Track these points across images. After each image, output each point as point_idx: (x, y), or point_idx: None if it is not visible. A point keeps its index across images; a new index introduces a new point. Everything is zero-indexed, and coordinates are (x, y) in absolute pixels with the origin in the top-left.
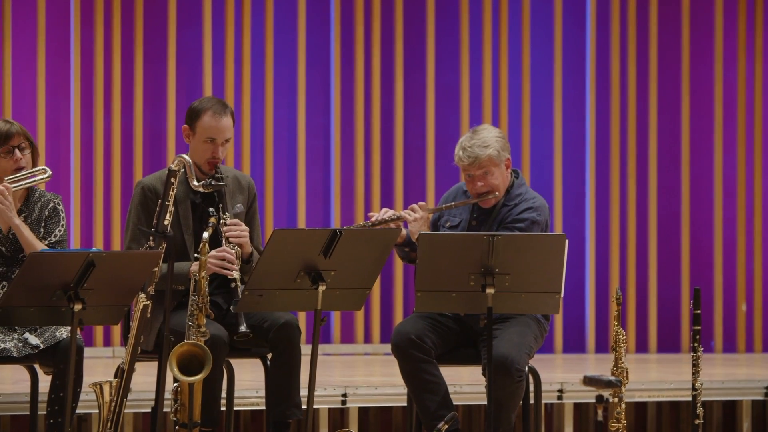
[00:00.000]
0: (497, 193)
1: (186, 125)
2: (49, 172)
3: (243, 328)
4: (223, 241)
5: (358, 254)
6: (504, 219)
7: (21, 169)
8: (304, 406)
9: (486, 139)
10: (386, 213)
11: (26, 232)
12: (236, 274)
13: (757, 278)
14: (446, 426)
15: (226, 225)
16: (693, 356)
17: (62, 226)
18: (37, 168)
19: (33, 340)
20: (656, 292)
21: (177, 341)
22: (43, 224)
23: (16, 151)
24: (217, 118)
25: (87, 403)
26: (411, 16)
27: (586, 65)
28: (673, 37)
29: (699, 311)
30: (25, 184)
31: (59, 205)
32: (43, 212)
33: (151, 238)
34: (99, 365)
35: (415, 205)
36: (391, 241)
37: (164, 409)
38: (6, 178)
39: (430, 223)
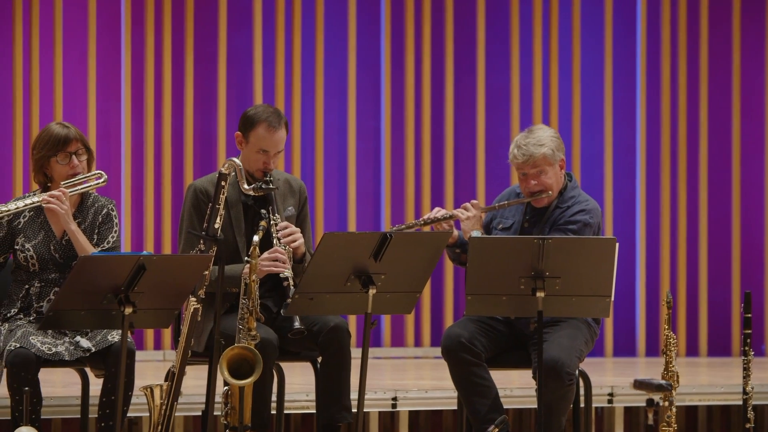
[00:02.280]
0: (550, 192)
1: (239, 132)
2: (105, 177)
3: (297, 324)
4: (275, 241)
5: (408, 257)
6: (557, 221)
7: (77, 174)
8: (354, 410)
9: (541, 138)
10: (438, 212)
11: (81, 238)
12: (288, 273)
13: None
14: (496, 429)
15: (277, 227)
16: (744, 360)
17: (115, 232)
18: (93, 173)
19: (84, 343)
20: (707, 295)
21: (227, 344)
22: (96, 230)
23: (74, 157)
24: (272, 131)
25: (138, 406)
26: (461, 19)
27: (636, 68)
28: (723, 40)
29: (750, 315)
30: (81, 189)
31: (113, 211)
32: (96, 218)
33: (201, 241)
34: (150, 368)
35: (467, 204)
36: (441, 244)
37: (215, 413)
38: (62, 183)
39: (482, 225)
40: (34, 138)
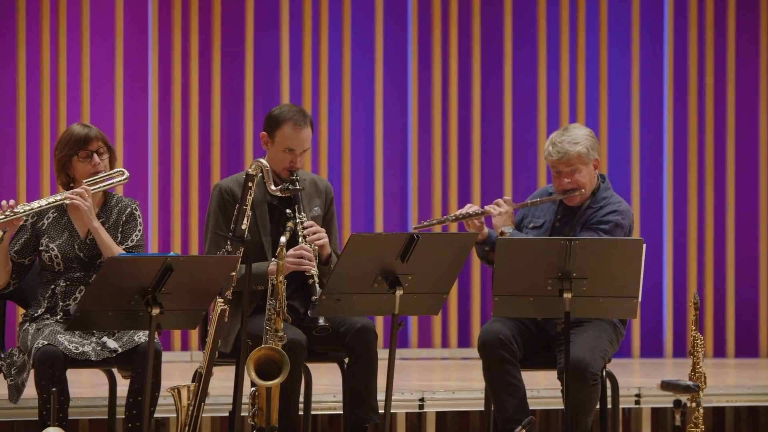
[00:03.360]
0: (583, 190)
1: (264, 132)
2: (127, 174)
3: (322, 321)
4: (300, 240)
5: (435, 258)
6: (588, 220)
7: (99, 173)
8: (381, 411)
9: (576, 136)
10: (470, 208)
11: (104, 235)
12: (314, 271)
13: None
14: (524, 431)
15: (303, 226)
16: None
17: (139, 231)
18: (115, 170)
19: (111, 344)
20: (734, 296)
21: (254, 345)
22: (120, 229)
23: (95, 156)
24: (297, 129)
25: (165, 407)
26: (488, 21)
27: (663, 69)
28: (750, 40)
29: None
30: (103, 186)
31: (136, 210)
32: (120, 217)
33: (228, 242)
34: (177, 369)
35: (500, 200)
36: (469, 245)
37: (242, 414)
38: (84, 181)
39: (514, 224)
40: (57, 139)
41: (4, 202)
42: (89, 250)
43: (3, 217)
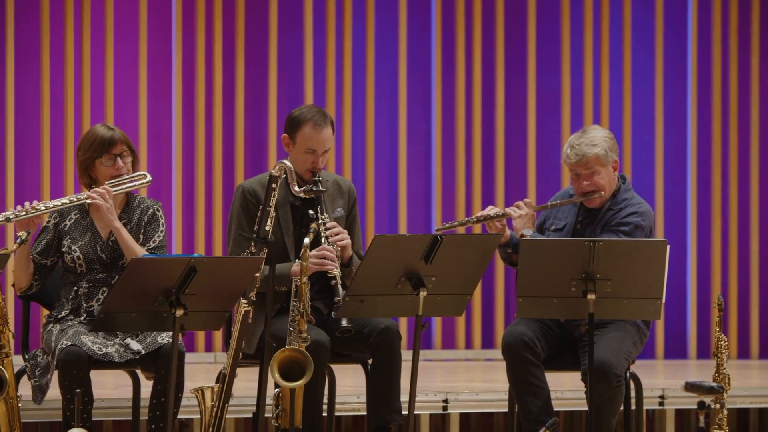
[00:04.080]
0: (602, 192)
1: (286, 134)
2: (149, 178)
3: (344, 322)
4: (323, 240)
5: (459, 260)
6: (609, 222)
7: (121, 176)
8: (405, 412)
9: (594, 138)
10: (491, 210)
11: (126, 236)
12: (336, 272)
13: None
14: None
15: (325, 226)
16: None
17: (161, 231)
18: (138, 173)
19: (134, 345)
20: (758, 297)
21: (278, 347)
22: (142, 230)
23: (118, 159)
24: (318, 130)
25: (189, 408)
26: (512, 22)
27: (687, 71)
28: None
29: None
30: (125, 188)
31: (159, 212)
32: (142, 218)
33: (252, 243)
34: (200, 371)
35: (520, 202)
36: (492, 246)
37: (266, 415)
38: (107, 183)
39: (536, 226)
40: (80, 139)
41: (26, 203)
42: (111, 251)
43: (24, 214)
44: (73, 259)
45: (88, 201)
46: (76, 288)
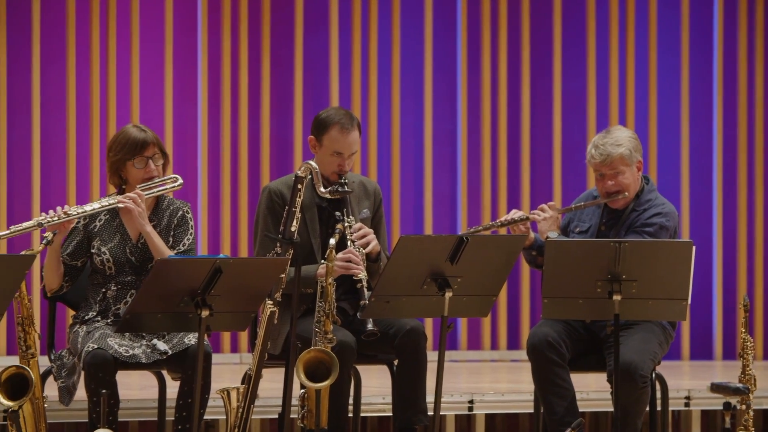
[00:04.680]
0: (627, 193)
1: (312, 136)
2: (180, 181)
3: (370, 326)
4: (349, 243)
5: (484, 260)
6: (633, 223)
7: (152, 178)
8: (430, 413)
9: (619, 138)
10: (515, 213)
11: (156, 240)
12: (362, 275)
13: None
14: None
15: (351, 229)
16: None
17: (190, 234)
18: (169, 176)
19: (161, 346)
20: None
21: (304, 347)
22: (171, 233)
23: (150, 162)
24: (345, 133)
25: (214, 409)
26: (537, 22)
27: (713, 71)
28: None
29: None
30: (156, 192)
31: (188, 213)
32: (172, 220)
33: (278, 244)
34: (226, 371)
35: (544, 205)
36: (517, 247)
37: (291, 416)
38: (138, 186)
39: (560, 228)
40: (111, 139)
41: (58, 208)
42: (141, 253)
43: (56, 219)
44: (102, 261)
45: (120, 206)
46: (104, 290)
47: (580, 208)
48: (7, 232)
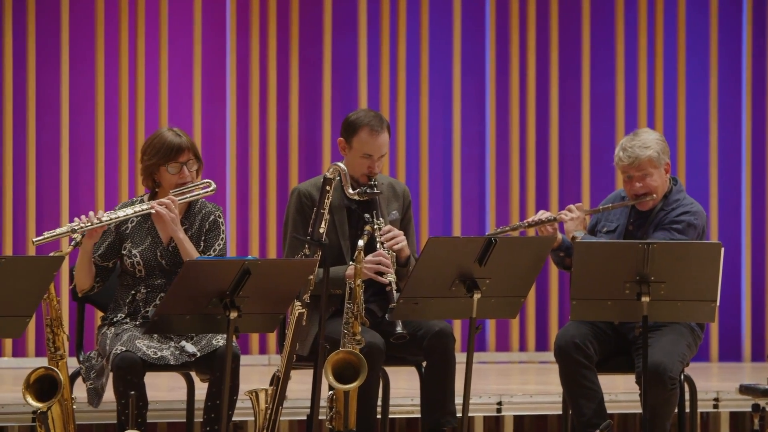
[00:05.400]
0: (654, 195)
1: (342, 138)
2: (213, 186)
3: (399, 328)
4: (378, 245)
5: (513, 262)
6: (661, 222)
7: (186, 183)
8: (458, 414)
9: (646, 140)
10: (543, 214)
11: (188, 246)
12: (391, 278)
13: None
14: None
15: (380, 231)
16: None
17: (222, 239)
18: (202, 181)
19: (189, 347)
20: None
21: (332, 349)
22: (203, 237)
23: (184, 168)
24: (374, 135)
25: (243, 410)
26: (566, 24)
27: (742, 72)
28: None
29: None
30: (190, 197)
31: (220, 218)
32: (203, 225)
33: (306, 245)
34: (255, 373)
35: (571, 206)
36: (546, 249)
37: (320, 417)
38: (171, 191)
39: (587, 229)
40: (145, 142)
41: (91, 214)
42: (171, 257)
43: (89, 225)
44: (133, 264)
45: (153, 211)
46: (133, 292)
47: (608, 209)
48: (41, 237)
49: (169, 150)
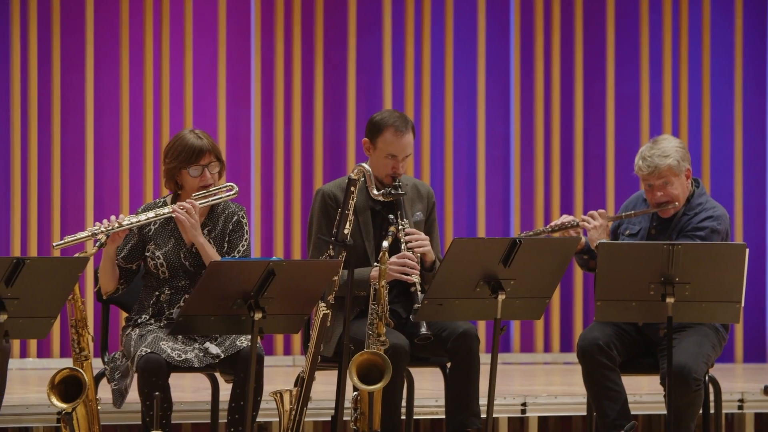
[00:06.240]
0: (677, 203)
1: (366, 139)
2: (236, 189)
3: (424, 330)
4: (403, 247)
5: (537, 263)
6: (684, 228)
7: (208, 186)
8: (483, 415)
9: (666, 149)
10: (566, 218)
11: (209, 250)
12: (416, 279)
13: None
14: None
15: (405, 232)
16: None
17: (246, 240)
18: (224, 185)
19: (213, 349)
20: None
21: (357, 350)
22: (227, 238)
23: (206, 170)
24: (399, 135)
25: (267, 411)
26: (590, 25)
27: (767, 73)
28: None
29: None
30: (212, 201)
31: (243, 219)
32: (227, 226)
33: (330, 246)
34: (279, 374)
35: (594, 212)
36: (570, 250)
37: (344, 418)
38: (193, 195)
39: (609, 231)
40: (167, 144)
41: (113, 217)
42: (195, 258)
43: (111, 229)
44: (156, 266)
45: (174, 215)
46: (157, 293)
47: (630, 216)
48: (62, 242)
49: (190, 152)
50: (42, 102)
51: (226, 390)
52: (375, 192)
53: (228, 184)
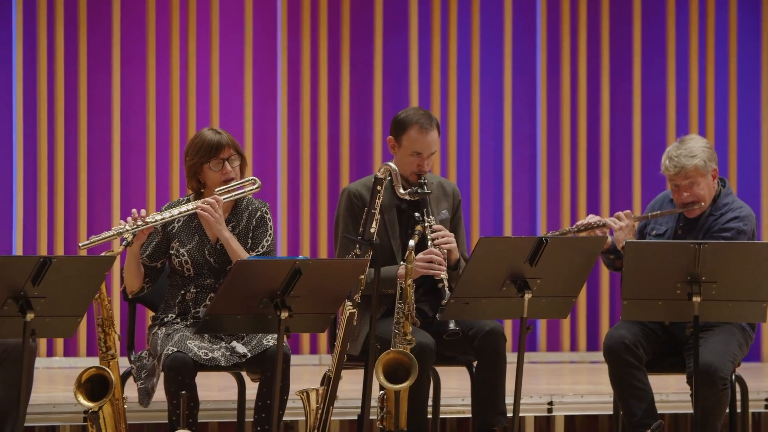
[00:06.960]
0: (703, 203)
1: (391, 137)
2: (259, 183)
3: (452, 325)
4: (429, 243)
5: (564, 262)
6: (710, 228)
7: (230, 180)
8: (509, 414)
9: (693, 149)
10: (592, 218)
11: (234, 245)
12: (444, 275)
13: None
14: None
15: (431, 229)
16: None
17: (269, 236)
18: (247, 179)
19: (240, 348)
20: None
21: (383, 349)
22: (250, 234)
23: (226, 164)
24: (424, 133)
25: (294, 410)
26: (617, 25)
27: None
28: None
29: None
30: (235, 195)
31: (267, 214)
32: (251, 221)
33: (357, 245)
34: (305, 373)
35: (620, 213)
36: (597, 249)
37: (370, 417)
38: (216, 190)
39: (636, 231)
40: (187, 143)
41: (134, 212)
42: (220, 255)
43: (135, 226)
44: (181, 263)
45: (198, 211)
46: (183, 292)
47: (656, 216)
48: (88, 242)
49: (209, 147)
50: (69, 101)
51: (252, 389)
52: (401, 191)
53: (251, 178)
